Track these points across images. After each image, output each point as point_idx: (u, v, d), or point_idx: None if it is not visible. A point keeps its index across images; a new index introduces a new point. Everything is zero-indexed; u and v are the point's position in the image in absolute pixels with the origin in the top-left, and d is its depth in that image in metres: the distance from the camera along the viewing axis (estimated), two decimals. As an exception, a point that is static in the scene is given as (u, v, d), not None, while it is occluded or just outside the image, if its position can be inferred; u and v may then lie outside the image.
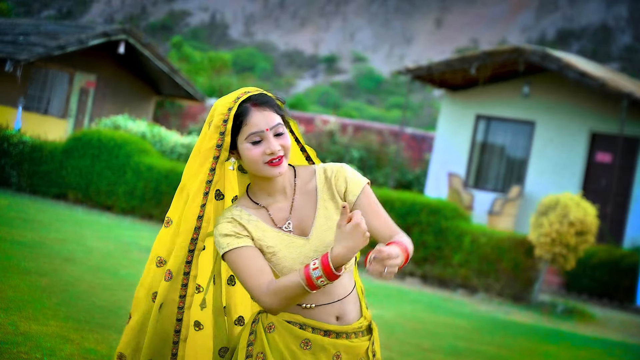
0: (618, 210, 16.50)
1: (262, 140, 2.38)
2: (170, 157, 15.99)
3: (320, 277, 2.24)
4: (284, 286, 2.29)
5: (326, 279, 2.24)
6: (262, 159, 2.38)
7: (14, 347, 4.58)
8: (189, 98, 22.73)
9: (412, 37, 75.56)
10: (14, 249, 7.93)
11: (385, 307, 9.45)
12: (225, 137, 2.41)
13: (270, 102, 2.43)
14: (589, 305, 13.54)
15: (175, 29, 75.35)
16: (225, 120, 2.40)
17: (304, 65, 72.81)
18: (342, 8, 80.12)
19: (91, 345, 4.99)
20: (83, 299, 6.35)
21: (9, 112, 17.81)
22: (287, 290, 2.28)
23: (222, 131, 2.41)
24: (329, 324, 2.43)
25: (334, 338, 2.43)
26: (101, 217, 13.07)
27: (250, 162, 2.39)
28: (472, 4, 76.17)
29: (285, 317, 2.42)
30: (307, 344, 2.40)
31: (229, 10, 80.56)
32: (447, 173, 18.16)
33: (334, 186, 2.49)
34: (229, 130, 2.40)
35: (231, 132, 2.42)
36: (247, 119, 2.39)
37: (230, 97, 2.44)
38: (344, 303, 2.45)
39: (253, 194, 2.50)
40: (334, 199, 2.49)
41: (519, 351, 8.46)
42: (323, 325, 2.42)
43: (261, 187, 2.47)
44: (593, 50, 63.83)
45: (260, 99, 2.42)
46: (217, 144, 2.42)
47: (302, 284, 2.25)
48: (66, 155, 14.26)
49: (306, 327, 2.41)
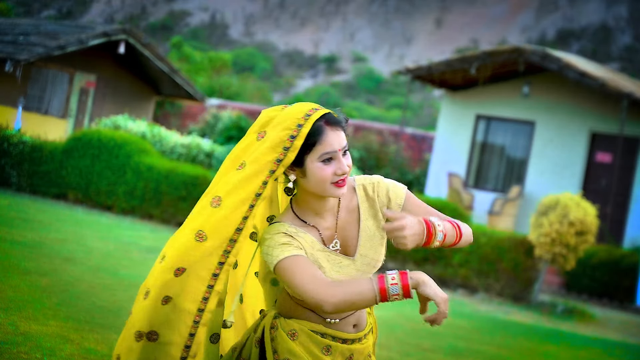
0: (618, 210, 16.50)
1: (332, 160, 2.36)
2: (170, 157, 15.99)
3: (397, 295, 2.27)
4: (352, 291, 2.28)
5: (402, 297, 2.28)
6: (331, 179, 2.36)
7: (14, 347, 4.58)
8: (189, 98, 22.73)
9: (412, 37, 75.56)
10: (14, 249, 7.93)
11: (385, 307, 9.45)
12: (289, 153, 2.34)
13: (342, 122, 2.41)
14: (589, 305, 13.54)
15: (175, 29, 75.35)
16: (294, 137, 2.33)
17: (304, 65, 72.81)
18: (342, 8, 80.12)
19: (91, 345, 4.99)
20: (83, 299, 6.35)
21: (9, 112, 17.81)
22: (355, 295, 2.28)
23: (287, 146, 2.34)
24: (347, 333, 2.48)
25: (350, 344, 2.50)
26: (101, 217, 13.06)
27: (319, 181, 2.35)
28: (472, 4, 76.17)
29: (308, 326, 2.45)
30: (328, 350, 2.45)
31: (229, 10, 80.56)
32: (447, 173, 18.15)
33: (377, 203, 2.51)
34: (296, 147, 2.34)
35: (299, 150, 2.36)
36: (321, 138, 2.35)
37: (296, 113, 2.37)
38: (361, 312, 2.53)
39: (300, 212, 2.45)
40: (376, 217, 2.50)
41: (519, 351, 8.46)
42: (343, 334, 2.47)
43: (311, 206, 2.43)
44: (593, 50, 63.82)
45: (334, 118, 2.38)
46: (278, 159, 2.34)
47: (375, 294, 2.27)
48: (66, 155, 14.25)
49: (327, 336, 2.46)
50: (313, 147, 2.34)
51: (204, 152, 16.32)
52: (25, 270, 6.93)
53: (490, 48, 17.94)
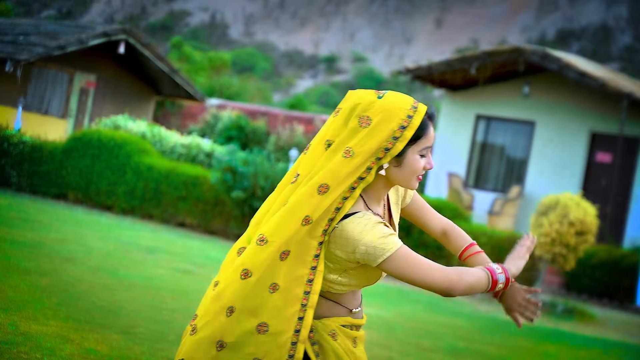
0: (618, 210, 16.50)
1: (425, 155, 2.45)
2: (170, 157, 15.99)
3: (502, 283, 2.50)
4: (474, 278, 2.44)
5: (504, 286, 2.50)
6: (420, 173, 2.46)
7: (14, 347, 4.59)
8: (189, 98, 22.73)
9: (412, 37, 75.57)
10: (14, 249, 7.93)
11: (385, 307, 9.45)
12: (398, 143, 2.37)
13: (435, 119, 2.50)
14: (589, 305, 13.54)
15: (175, 29, 75.36)
16: (404, 127, 2.37)
17: (304, 65, 72.82)
18: (342, 8, 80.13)
19: (91, 345, 4.99)
20: (83, 299, 6.35)
21: (9, 112, 17.81)
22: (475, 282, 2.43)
23: (396, 136, 2.37)
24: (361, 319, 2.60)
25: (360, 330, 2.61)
26: (101, 217, 13.06)
27: (411, 172, 2.44)
28: (472, 4, 76.18)
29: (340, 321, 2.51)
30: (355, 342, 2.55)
31: (229, 10, 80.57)
32: (447, 173, 18.16)
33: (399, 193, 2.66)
34: (406, 137, 2.38)
35: None
36: (427, 132, 2.42)
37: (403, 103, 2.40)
38: None
39: (368, 200, 2.50)
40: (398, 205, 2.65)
41: (519, 351, 8.46)
42: (360, 321, 2.58)
43: (378, 195, 2.50)
44: (593, 50, 63.84)
45: (434, 114, 2.46)
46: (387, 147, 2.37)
47: (487, 282, 2.46)
48: (66, 155, 14.26)
49: (353, 327, 2.55)
50: (419, 139, 2.41)
51: (204, 152, 16.32)
52: (25, 270, 6.94)
53: (490, 48, 17.94)
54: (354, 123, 2.39)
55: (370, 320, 8.17)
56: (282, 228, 2.40)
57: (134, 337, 5.46)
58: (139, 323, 5.93)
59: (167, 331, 5.87)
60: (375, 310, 8.92)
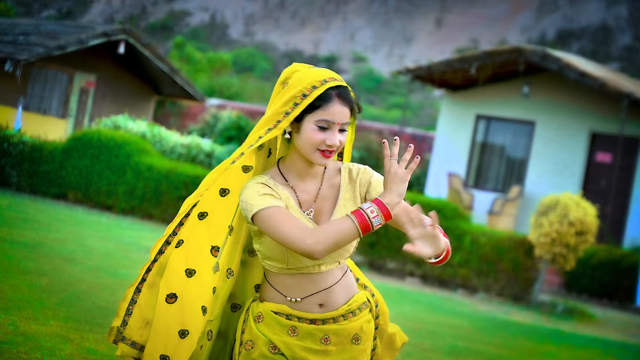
0: (618, 210, 16.50)
1: (327, 129, 2.45)
2: (170, 157, 15.99)
3: (377, 216, 2.34)
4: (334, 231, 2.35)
5: (383, 220, 2.35)
6: (318, 146, 2.45)
7: (14, 347, 4.58)
8: (189, 98, 22.72)
9: (412, 37, 75.57)
10: (14, 249, 7.93)
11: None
12: (296, 110, 2.44)
13: (351, 102, 2.49)
14: (589, 305, 13.54)
15: (175, 29, 75.37)
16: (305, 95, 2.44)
17: (304, 65, 72.73)
18: (342, 8, 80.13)
19: (91, 345, 4.99)
20: (83, 299, 6.34)
21: (9, 112, 17.81)
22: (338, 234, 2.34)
23: (296, 102, 2.44)
24: (312, 313, 2.51)
25: (320, 325, 2.52)
26: (101, 217, 13.06)
27: (307, 143, 2.45)
28: (472, 4, 76.19)
29: (272, 307, 2.51)
30: (295, 331, 2.50)
31: (229, 10, 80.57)
32: (447, 173, 18.15)
33: (358, 186, 2.58)
34: (304, 105, 2.43)
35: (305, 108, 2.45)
36: (326, 105, 2.44)
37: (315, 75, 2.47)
38: (330, 292, 2.53)
39: (285, 169, 2.55)
40: (355, 199, 2.58)
41: (519, 351, 8.47)
42: (308, 315, 2.51)
43: (297, 166, 2.53)
44: (593, 50, 63.84)
45: (346, 94, 2.48)
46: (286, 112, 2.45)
47: (355, 227, 2.34)
48: (66, 155, 14.25)
49: (292, 317, 2.51)
50: (316, 109, 2.44)
51: (204, 152, 16.32)
52: (25, 270, 6.93)
53: (490, 48, 17.94)
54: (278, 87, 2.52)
55: (370, 320, 8.17)
56: None
57: (134, 337, 5.45)
58: (139, 323, 5.92)
59: (167, 331, 5.86)
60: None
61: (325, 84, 2.44)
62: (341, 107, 2.45)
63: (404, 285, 12.26)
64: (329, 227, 2.37)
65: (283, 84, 2.51)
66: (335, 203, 2.55)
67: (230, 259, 2.55)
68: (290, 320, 2.50)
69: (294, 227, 2.36)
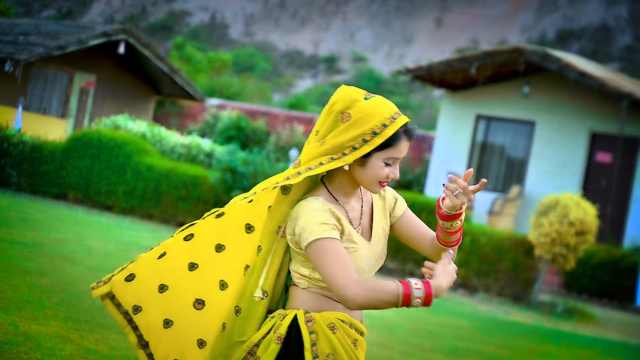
0: (618, 210, 16.50)
1: (392, 164, 2.53)
2: (170, 157, 15.99)
3: (419, 298, 2.37)
4: (380, 289, 2.37)
5: (422, 304, 2.39)
6: (382, 179, 2.52)
7: (14, 347, 4.58)
8: (189, 98, 22.72)
9: (412, 37, 75.58)
10: (14, 249, 7.93)
11: (385, 307, 9.45)
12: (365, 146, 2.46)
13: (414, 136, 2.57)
14: (589, 305, 13.54)
15: (175, 29, 75.37)
16: (376, 133, 2.46)
17: (304, 65, 72.82)
18: (342, 8, 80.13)
19: (91, 345, 4.99)
20: (83, 299, 6.34)
21: (9, 112, 17.80)
22: (382, 293, 2.37)
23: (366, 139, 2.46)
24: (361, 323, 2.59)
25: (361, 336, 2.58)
26: (101, 217, 13.06)
27: (372, 177, 2.51)
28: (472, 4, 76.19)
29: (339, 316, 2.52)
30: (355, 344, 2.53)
31: (229, 10, 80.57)
32: (447, 173, 18.15)
33: (386, 202, 2.69)
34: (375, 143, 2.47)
35: None
36: (396, 144, 2.50)
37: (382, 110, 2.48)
38: None
39: (333, 190, 2.58)
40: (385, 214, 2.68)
41: (519, 351, 8.46)
42: (360, 326, 2.57)
43: (345, 188, 2.57)
44: (593, 50, 63.84)
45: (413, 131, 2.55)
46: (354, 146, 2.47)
47: (398, 296, 2.37)
48: (66, 155, 14.25)
49: (353, 326, 2.55)
50: (386, 148, 2.49)
51: (204, 152, 16.32)
52: (25, 270, 6.93)
53: (490, 48, 17.94)
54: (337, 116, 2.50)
55: (371, 320, 8.18)
56: None
57: (134, 337, 5.45)
58: (139, 323, 5.91)
59: (167, 331, 5.85)
60: (376, 310, 8.92)
61: (394, 121, 2.48)
62: (407, 143, 2.53)
63: (404, 285, 12.25)
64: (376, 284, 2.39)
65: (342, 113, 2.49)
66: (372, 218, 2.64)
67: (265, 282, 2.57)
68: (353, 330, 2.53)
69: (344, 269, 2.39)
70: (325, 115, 2.53)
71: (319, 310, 2.51)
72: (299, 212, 2.47)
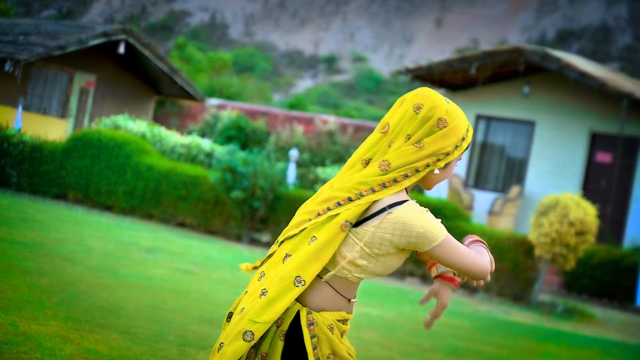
0: (618, 210, 16.50)
1: None
2: (170, 157, 15.99)
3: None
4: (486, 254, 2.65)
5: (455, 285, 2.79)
6: None
7: (14, 347, 4.58)
8: (189, 98, 22.72)
9: (412, 37, 75.59)
10: (14, 249, 7.93)
11: (385, 307, 9.45)
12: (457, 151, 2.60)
13: None
14: (589, 305, 13.54)
15: (175, 29, 75.40)
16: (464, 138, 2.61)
17: (304, 65, 72.84)
18: (342, 8, 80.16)
19: (91, 345, 4.99)
20: (83, 299, 6.34)
21: (9, 112, 17.81)
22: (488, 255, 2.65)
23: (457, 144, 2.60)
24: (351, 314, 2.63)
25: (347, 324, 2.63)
26: (101, 217, 13.06)
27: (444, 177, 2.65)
28: (472, 4, 76.21)
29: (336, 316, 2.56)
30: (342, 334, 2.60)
31: (229, 10, 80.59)
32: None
33: None
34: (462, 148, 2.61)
35: None
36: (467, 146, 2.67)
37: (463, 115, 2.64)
38: None
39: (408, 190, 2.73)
40: None
41: (519, 351, 8.46)
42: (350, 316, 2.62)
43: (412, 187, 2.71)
44: (593, 50, 63.86)
45: None
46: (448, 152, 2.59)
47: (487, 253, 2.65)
48: (66, 155, 14.25)
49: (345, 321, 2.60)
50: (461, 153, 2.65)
51: (204, 152, 16.32)
52: (25, 270, 6.93)
53: (490, 48, 17.94)
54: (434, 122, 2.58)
55: (371, 320, 8.18)
56: None
57: (134, 337, 5.46)
58: (139, 323, 5.93)
59: (167, 331, 5.87)
60: (376, 310, 8.93)
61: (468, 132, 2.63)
62: None
63: (404, 285, 12.26)
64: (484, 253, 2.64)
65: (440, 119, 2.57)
66: None
67: None
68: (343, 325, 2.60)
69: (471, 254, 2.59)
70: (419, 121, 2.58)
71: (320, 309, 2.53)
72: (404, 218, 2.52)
